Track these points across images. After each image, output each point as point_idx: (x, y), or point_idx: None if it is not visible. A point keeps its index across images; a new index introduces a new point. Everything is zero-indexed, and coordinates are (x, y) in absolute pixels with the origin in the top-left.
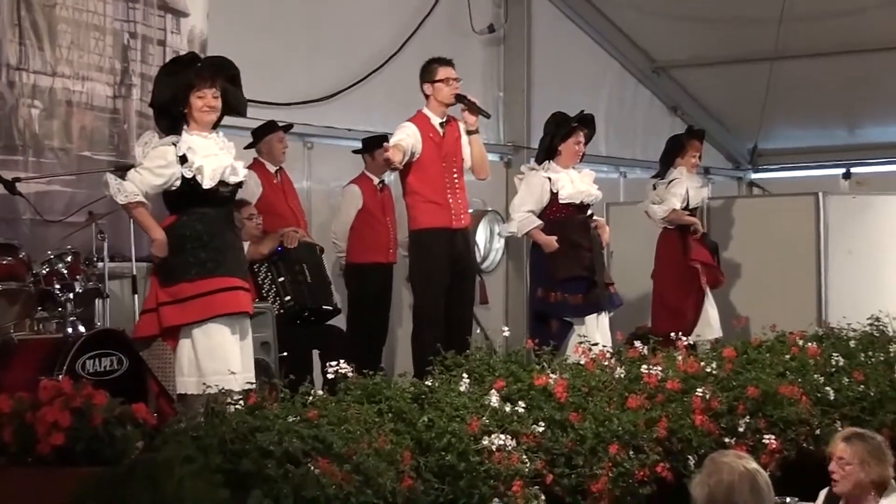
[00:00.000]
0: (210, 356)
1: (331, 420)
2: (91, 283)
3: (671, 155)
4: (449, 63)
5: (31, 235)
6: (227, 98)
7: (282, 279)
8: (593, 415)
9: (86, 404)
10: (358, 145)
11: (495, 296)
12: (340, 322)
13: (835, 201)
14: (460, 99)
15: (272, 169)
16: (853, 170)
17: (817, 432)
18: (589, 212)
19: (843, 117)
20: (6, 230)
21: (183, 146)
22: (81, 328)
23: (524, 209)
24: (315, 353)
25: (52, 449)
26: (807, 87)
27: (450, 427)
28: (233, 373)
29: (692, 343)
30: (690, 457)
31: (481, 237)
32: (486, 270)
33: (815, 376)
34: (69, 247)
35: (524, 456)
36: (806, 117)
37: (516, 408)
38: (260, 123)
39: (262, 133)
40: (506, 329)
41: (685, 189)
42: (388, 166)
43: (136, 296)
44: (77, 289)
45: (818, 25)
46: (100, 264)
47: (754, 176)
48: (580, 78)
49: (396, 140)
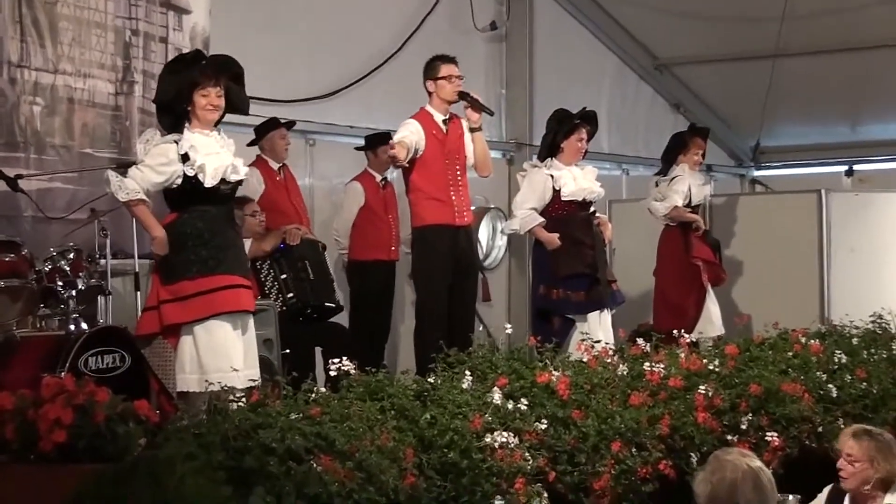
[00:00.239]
0: (212, 354)
1: (333, 417)
2: (93, 280)
3: (673, 152)
4: (452, 60)
5: (34, 232)
6: (230, 97)
7: (284, 276)
8: (596, 412)
9: (88, 401)
10: (360, 142)
11: (498, 293)
12: (343, 319)
13: (837, 198)
14: (463, 96)
15: (275, 166)
16: (855, 167)
17: (820, 430)
18: (591, 209)
19: (846, 114)
20: (8, 227)
21: (185, 144)
22: (84, 325)
23: (526, 206)
24: (318, 351)
25: (55, 446)
26: (809, 85)
27: (452, 424)
28: (235, 370)
29: (694, 340)
30: (693, 454)
31: (484, 234)
32: (489, 268)
33: (818, 374)
34: (71, 244)
35: (527, 453)
36: (808, 114)
37: (519, 405)
38: (262, 120)
39: (265, 130)
40: (508, 326)
41: (687, 186)
42: (394, 164)
43: (139, 293)
44: (79, 286)
45: (820, 23)
46: (102, 261)
47: (757, 173)
48: (582, 75)
49: (400, 137)
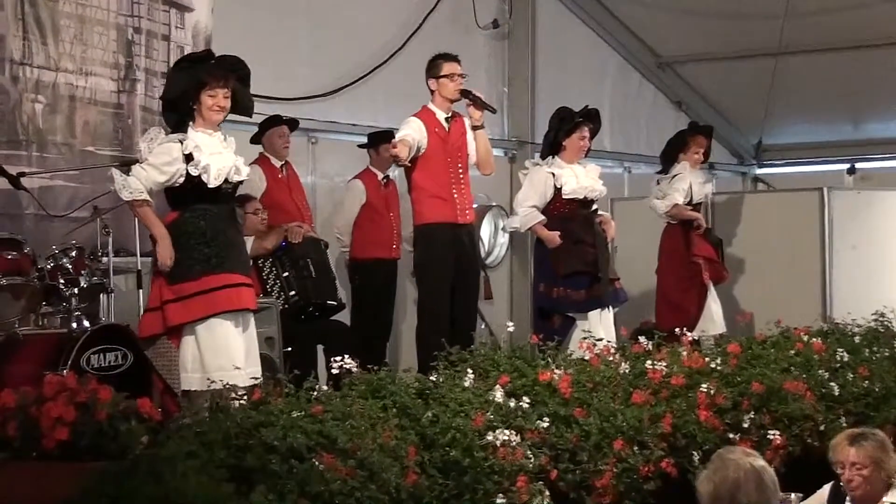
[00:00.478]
0: (214, 352)
1: (335, 415)
2: (95, 278)
3: (673, 150)
4: (454, 59)
5: (36, 230)
6: (236, 98)
7: (286, 274)
8: (598, 410)
9: (90, 399)
10: (362, 140)
11: (499, 291)
12: (344, 317)
13: (839, 197)
14: (465, 94)
15: (277, 164)
16: (858, 165)
17: (822, 428)
18: (594, 207)
19: (848, 113)
20: (10, 225)
21: (190, 144)
22: (86, 323)
23: (527, 204)
24: (319, 349)
25: (57, 444)
26: (811, 83)
27: (454, 422)
28: (237, 368)
29: (696, 339)
30: (695, 452)
31: (486, 232)
32: (491, 266)
33: (820, 372)
34: (73, 242)
35: (528, 451)
36: (810, 113)
37: (521, 403)
38: (264, 118)
39: (265, 128)
40: (510, 324)
41: (688, 184)
42: (396, 162)
43: (141, 291)
44: (82, 284)
45: (823, 21)
46: (104, 259)
47: (759, 171)
48: (585, 73)
49: (402, 135)
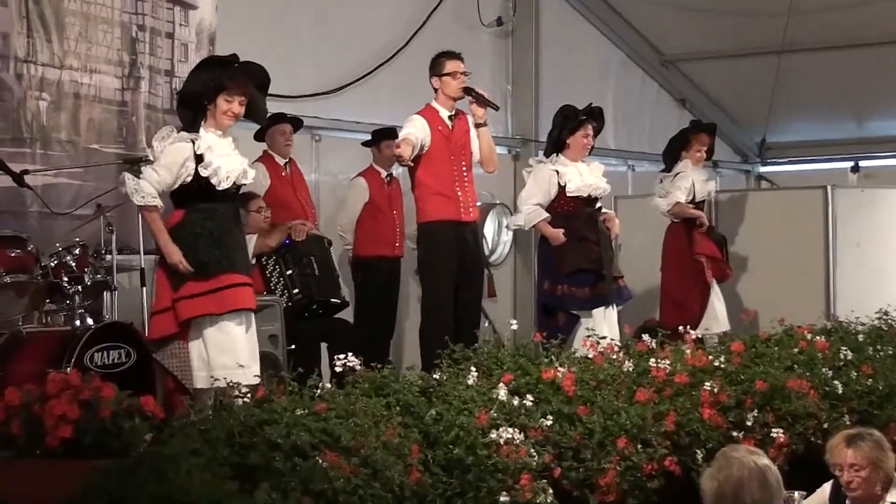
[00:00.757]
0: (220, 350)
1: (339, 413)
2: (99, 276)
3: (676, 148)
4: (457, 56)
5: (39, 228)
6: (251, 106)
7: (290, 272)
8: (601, 408)
9: (94, 397)
10: (366, 138)
11: (503, 289)
12: (348, 315)
13: (843, 195)
14: (468, 91)
15: (281, 161)
16: (861, 163)
17: (825, 426)
18: (598, 205)
19: (852, 111)
20: (14, 223)
21: (202, 144)
22: (90, 321)
23: (531, 202)
24: (323, 347)
25: (60, 441)
26: (815, 81)
27: (458, 420)
28: (241, 366)
29: (700, 337)
30: (698, 451)
31: (489, 230)
32: (494, 263)
33: (824, 370)
34: (77, 239)
35: (532, 449)
36: (814, 111)
37: (524, 401)
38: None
39: (267, 125)
40: (514, 322)
41: (690, 182)
42: (399, 162)
43: (144, 288)
44: (85, 281)
45: (826, 18)
46: (108, 257)
47: (762, 169)
48: (588, 71)
49: (405, 134)
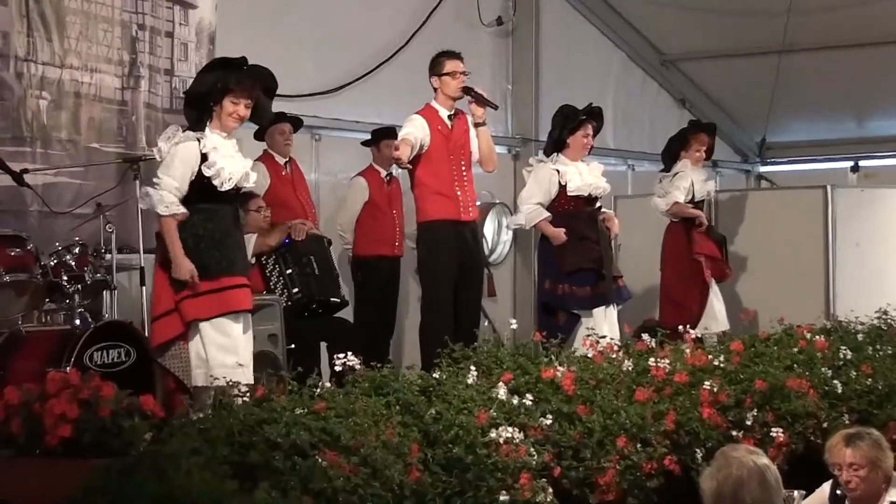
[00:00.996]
0: (219, 349)
1: (338, 412)
2: (99, 275)
3: (675, 148)
4: (457, 56)
5: (39, 227)
6: (256, 109)
7: (289, 271)
8: (601, 407)
9: (93, 396)
10: (366, 137)
11: (503, 288)
12: (348, 314)
13: (843, 194)
14: (467, 91)
15: (281, 161)
16: (861, 163)
17: (825, 425)
18: (597, 204)
19: (852, 110)
20: (14, 222)
21: (208, 144)
22: (89, 320)
23: (532, 201)
24: (323, 346)
25: (60, 440)
26: (815, 80)
27: (457, 420)
28: (241, 365)
29: (699, 336)
30: (698, 450)
31: (489, 230)
32: (494, 263)
33: (823, 369)
34: (77, 238)
35: (532, 449)
36: (814, 110)
37: (524, 400)
38: None
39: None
40: (513, 322)
41: (689, 182)
42: (398, 164)
43: (144, 287)
44: (85, 280)
45: (826, 18)
46: (107, 256)
47: (762, 169)
48: (588, 70)
49: (404, 134)
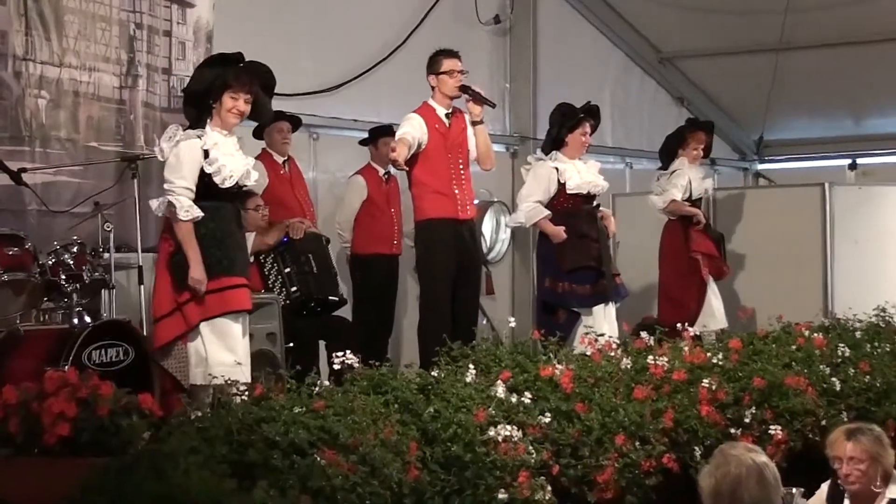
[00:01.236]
0: (218, 348)
1: (337, 411)
2: (97, 274)
3: (672, 146)
4: (454, 55)
5: (38, 226)
6: (255, 106)
7: (288, 270)
8: (599, 405)
9: (92, 395)
10: (364, 136)
11: (501, 286)
12: (346, 313)
13: (841, 192)
14: (465, 89)
15: (279, 159)
16: (859, 160)
17: (823, 423)
18: (595, 202)
19: (850, 108)
20: (12, 221)
21: (209, 141)
22: (87, 319)
23: (532, 199)
24: (321, 344)
25: (58, 439)
26: (813, 78)
27: (456, 418)
28: (239, 363)
29: (698, 334)
30: (696, 448)
31: (487, 228)
32: (492, 261)
33: (821, 367)
34: (75, 237)
35: (530, 447)
36: (812, 108)
37: (522, 399)
38: None
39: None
40: (512, 320)
41: (686, 180)
42: (395, 166)
43: (142, 286)
44: (83, 279)
45: (824, 16)
46: (106, 255)
47: (760, 167)
48: (586, 68)
49: (401, 134)
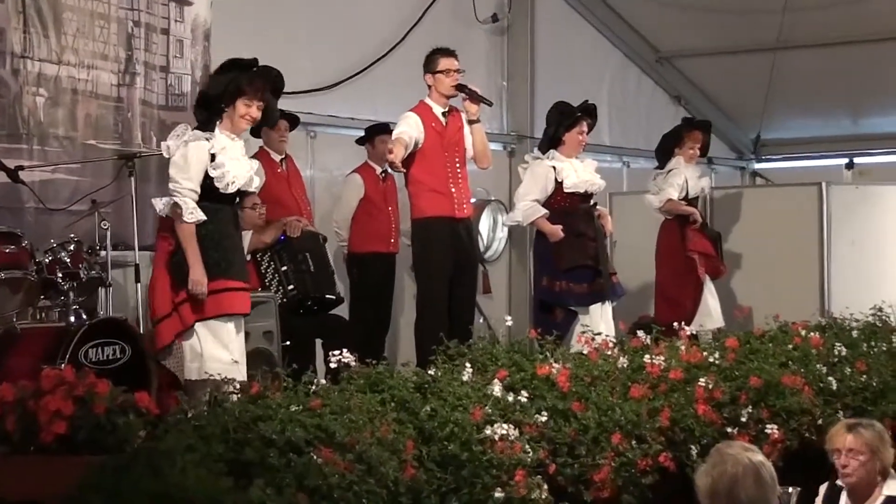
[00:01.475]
0: (216, 347)
1: (333, 409)
2: (94, 272)
3: (668, 146)
4: (451, 53)
5: (35, 224)
6: (265, 110)
7: (285, 268)
8: (596, 404)
9: (88, 393)
10: (361, 134)
11: (498, 285)
12: (343, 311)
13: (838, 191)
14: (461, 88)
15: (277, 157)
16: (856, 160)
17: (819, 422)
18: (592, 201)
19: (847, 107)
20: (11, 219)
21: (217, 144)
22: (84, 317)
23: (529, 198)
24: (318, 343)
25: (55, 437)
26: (810, 78)
27: (452, 416)
28: (236, 361)
29: (694, 333)
30: (693, 446)
31: (484, 227)
32: (489, 260)
33: (818, 366)
34: (72, 235)
35: (527, 445)
36: (809, 107)
37: (519, 397)
38: None
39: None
40: (508, 318)
41: (683, 179)
42: (392, 167)
43: (139, 284)
44: (80, 277)
45: (821, 15)
46: (102, 253)
47: (757, 166)
48: (584, 67)
49: (398, 133)
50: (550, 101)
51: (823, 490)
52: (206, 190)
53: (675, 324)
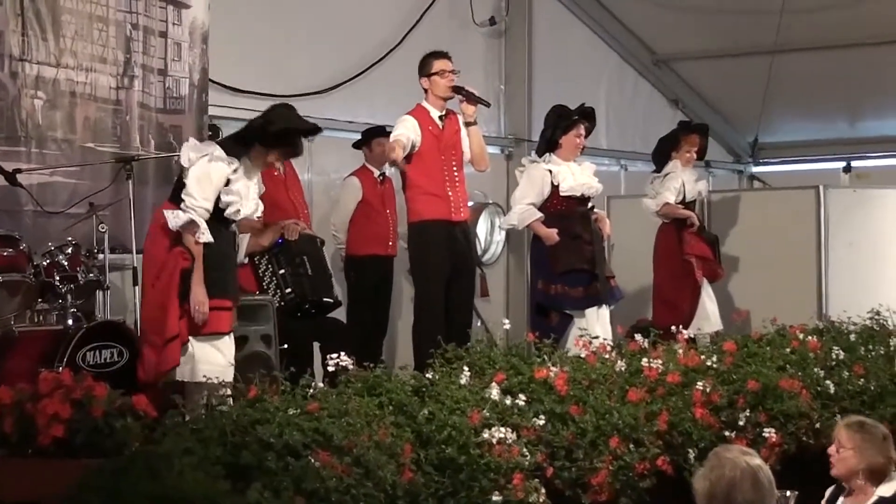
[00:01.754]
0: (211, 350)
1: (331, 413)
2: (92, 275)
3: (665, 149)
4: (444, 55)
5: (33, 227)
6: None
7: (282, 271)
8: (594, 408)
9: (86, 396)
10: (359, 137)
11: (496, 288)
12: (341, 315)
13: (835, 195)
14: (457, 90)
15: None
16: (854, 163)
17: (817, 426)
18: (589, 204)
19: (844, 111)
20: (7, 222)
21: (237, 173)
22: (82, 320)
23: (525, 202)
24: (316, 346)
25: (53, 440)
26: (808, 81)
27: (450, 420)
28: (232, 364)
29: (692, 336)
30: (691, 450)
31: (482, 230)
32: (487, 263)
33: (816, 370)
34: (70, 238)
35: (524, 449)
36: (807, 111)
37: (517, 401)
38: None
39: None
40: (506, 322)
41: (680, 183)
42: (394, 166)
43: (137, 287)
44: (78, 280)
45: (819, 18)
46: (100, 256)
47: (755, 169)
48: (581, 70)
49: (395, 136)
50: (548, 105)
51: (829, 493)
52: (213, 211)
53: (673, 327)
